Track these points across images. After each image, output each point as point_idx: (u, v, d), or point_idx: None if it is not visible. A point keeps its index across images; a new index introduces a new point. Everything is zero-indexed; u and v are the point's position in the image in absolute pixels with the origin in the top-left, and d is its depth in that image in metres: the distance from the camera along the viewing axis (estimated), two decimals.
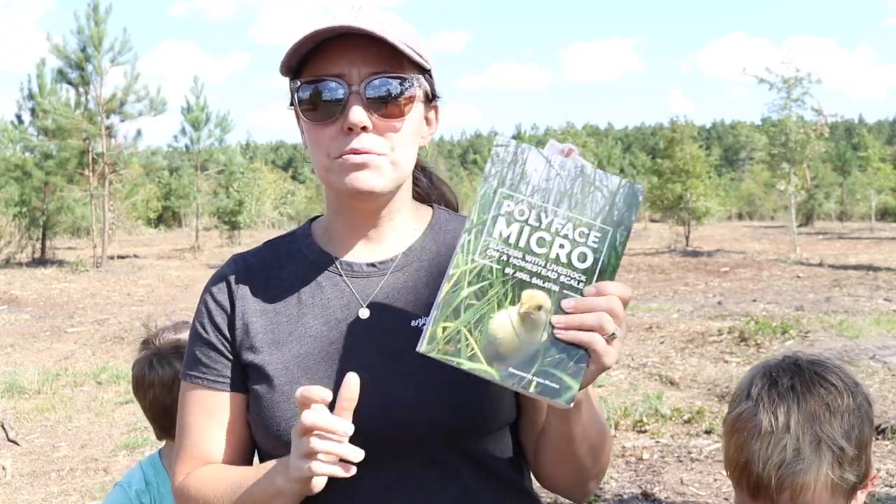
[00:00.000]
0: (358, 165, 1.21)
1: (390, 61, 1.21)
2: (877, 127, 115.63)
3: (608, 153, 56.62)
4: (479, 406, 1.23)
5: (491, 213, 1.07)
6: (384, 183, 1.23)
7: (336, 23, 1.19)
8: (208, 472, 1.29)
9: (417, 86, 1.25)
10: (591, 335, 1.04)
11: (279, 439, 1.23)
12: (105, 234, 21.28)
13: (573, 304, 1.05)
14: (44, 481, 5.11)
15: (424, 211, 1.40)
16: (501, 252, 1.06)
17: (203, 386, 1.32)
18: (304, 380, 1.24)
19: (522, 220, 1.07)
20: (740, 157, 33.87)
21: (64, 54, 20.61)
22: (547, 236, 1.07)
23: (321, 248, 1.35)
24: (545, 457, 1.27)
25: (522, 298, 1.06)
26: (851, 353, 7.96)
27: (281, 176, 58.85)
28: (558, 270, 1.07)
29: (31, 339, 10.25)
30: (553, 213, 1.07)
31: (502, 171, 1.08)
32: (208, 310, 1.34)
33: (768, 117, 23.20)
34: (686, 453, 5.29)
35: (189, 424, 1.33)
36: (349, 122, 1.19)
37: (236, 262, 1.38)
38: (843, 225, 44.44)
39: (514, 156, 1.08)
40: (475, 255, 1.06)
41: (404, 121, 1.24)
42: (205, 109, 28.46)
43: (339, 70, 1.21)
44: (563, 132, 24.74)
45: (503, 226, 1.07)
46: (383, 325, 1.27)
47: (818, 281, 14.82)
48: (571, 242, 1.07)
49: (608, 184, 1.08)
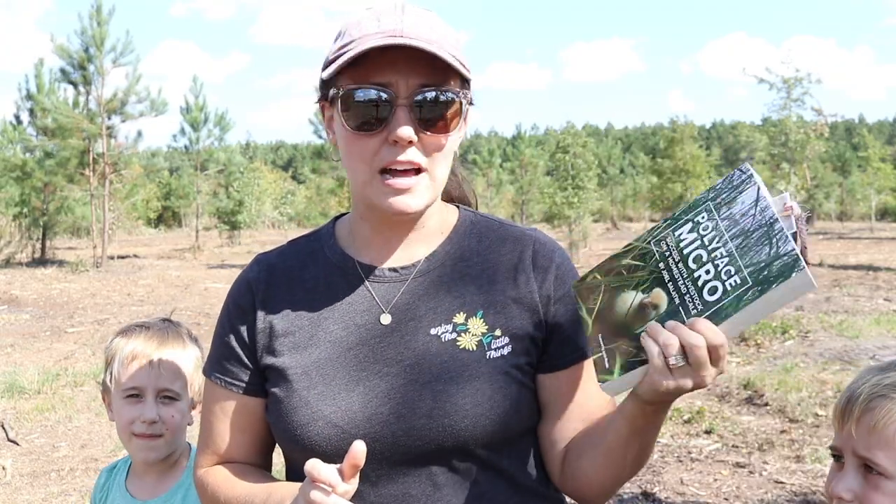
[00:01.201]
0: (400, 190, 1.19)
1: (437, 72, 1.18)
2: (877, 127, 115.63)
3: (608, 153, 56.58)
4: (498, 414, 1.22)
5: (688, 216, 1.17)
6: (423, 202, 1.22)
7: (386, 28, 1.17)
8: (224, 477, 1.32)
9: (464, 100, 1.23)
10: (654, 347, 1.06)
11: (296, 443, 1.24)
12: (105, 234, 21.27)
13: (671, 325, 1.07)
14: (44, 481, 5.11)
15: (450, 212, 1.38)
16: (669, 249, 1.15)
17: (223, 387, 1.34)
18: (321, 386, 1.24)
19: (701, 235, 1.14)
20: (740, 157, 33.84)
21: (67, 54, 20.61)
22: (705, 257, 1.12)
23: (343, 251, 1.34)
24: (588, 459, 1.25)
25: (652, 293, 1.14)
26: (851, 353, 7.96)
27: (281, 176, 58.83)
28: (690, 289, 1.11)
29: (31, 339, 10.25)
30: (724, 243, 1.11)
31: (723, 188, 1.16)
32: (231, 315, 1.35)
33: (769, 117, 23.20)
34: (686, 453, 5.29)
35: (210, 422, 1.36)
36: (396, 135, 1.17)
37: (259, 264, 1.38)
38: (843, 225, 44.42)
39: (741, 182, 1.15)
40: (653, 240, 1.18)
41: (448, 136, 1.22)
42: (204, 109, 28.46)
43: (385, 79, 1.17)
44: (563, 132, 24.67)
45: (687, 230, 1.16)
46: (404, 332, 1.26)
47: (818, 281, 14.77)
48: (716, 274, 1.10)
49: (781, 246, 1.07)
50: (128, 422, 1.75)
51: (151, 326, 1.82)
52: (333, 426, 1.20)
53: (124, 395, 1.76)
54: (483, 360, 1.24)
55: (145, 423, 1.73)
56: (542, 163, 33.81)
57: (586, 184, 23.04)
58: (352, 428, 1.20)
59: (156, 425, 1.74)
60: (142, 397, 1.75)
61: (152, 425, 1.73)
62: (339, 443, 1.19)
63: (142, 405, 1.74)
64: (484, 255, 1.33)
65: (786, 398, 6.36)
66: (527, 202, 34.99)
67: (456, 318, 1.26)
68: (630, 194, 51.32)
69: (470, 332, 1.25)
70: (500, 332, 1.26)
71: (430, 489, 1.22)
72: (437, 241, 1.33)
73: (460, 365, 1.22)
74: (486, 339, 1.25)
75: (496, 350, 1.25)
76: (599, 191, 30.08)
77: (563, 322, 1.29)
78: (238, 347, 1.32)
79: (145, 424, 1.73)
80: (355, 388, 1.23)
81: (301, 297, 1.32)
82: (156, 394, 1.75)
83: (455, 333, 1.25)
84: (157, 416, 1.73)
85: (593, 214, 26.57)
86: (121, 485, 1.85)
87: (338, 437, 1.20)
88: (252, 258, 1.41)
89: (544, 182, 30.61)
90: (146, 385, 1.74)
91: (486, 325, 1.26)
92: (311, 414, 1.22)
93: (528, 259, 1.32)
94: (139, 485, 1.82)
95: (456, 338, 1.25)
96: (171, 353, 1.77)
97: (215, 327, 1.39)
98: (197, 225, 30.50)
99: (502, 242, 1.34)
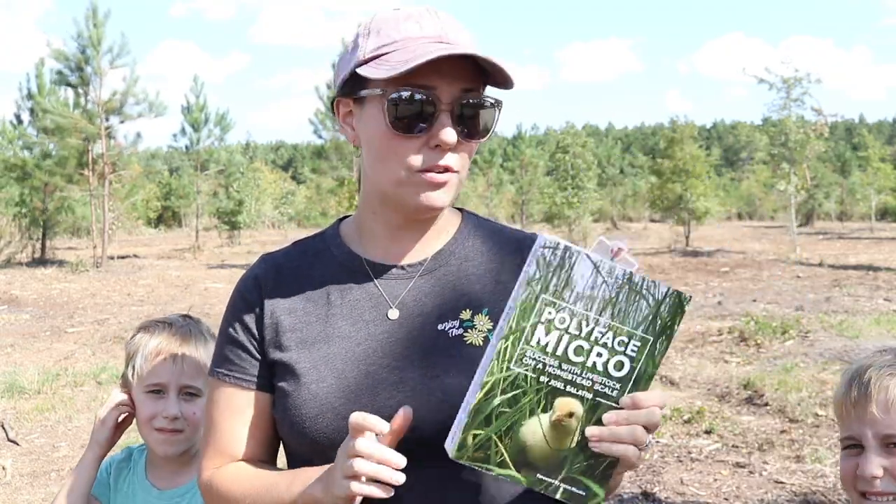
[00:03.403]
0: (438, 185, 1.22)
1: (475, 78, 1.22)
2: (877, 127, 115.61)
3: (608, 153, 56.59)
4: None
5: (531, 321, 1.04)
6: (450, 199, 1.26)
7: (429, 33, 1.21)
8: (236, 471, 1.31)
9: (499, 108, 1.26)
10: (625, 448, 1.05)
11: (305, 437, 1.25)
12: (105, 234, 21.26)
13: (613, 419, 1.06)
14: (44, 481, 5.11)
15: (454, 213, 1.41)
16: (538, 360, 1.05)
17: (230, 384, 1.33)
18: (330, 379, 1.26)
19: (563, 329, 1.05)
20: (740, 157, 33.85)
21: (64, 57, 20.61)
22: (586, 345, 1.05)
23: (350, 249, 1.35)
24: None
25: (555, 406, 1.05)
26: (851, 353, 7.96)
27: (281, 176, 58.72)
28: (593, 378, 1.06)
29: (31, 339, 10.25)
30: (595, 322, 1.05)
31: (547, 275, 1.04)
32: (237, 309, 1.36)
33: (769, 117, 23.20)
34: (686, 453, 5.29)
35: (216, 421, 1.35)
36: (441, 139, 1.19)
37: (265, 262, 1.39)
38: (843, 225, 44.44)
39: (562, 260, 1.04)
40: (511, 363, 1.04)
41: (480, 142, 1.26)
42: (204, 109, 28.46)
43: (429, 82, 1.19)
44: (563, 132, 24.70)
45: (542, 333, 1.05)
46: (411, 327, 1.28)
47: (818, 281, 14.81)
48: (610, 351, 1.06)
49: (655, 293, 1.06)
50: (149, 416, 1.78)
51: (174, 323, 1.85)
52: (343, 419, 1.20)
53: (146, 389, 1.79)
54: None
55: (167, 418, 1.77)
56: (542, 163, 33.84)
57: (586, 184, 23.08)
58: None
59: (178, 421, 1.77)
60: (164, 393, 1.78)
61: (174, 421, 1.77)
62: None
63: (164, 401, 1.78)
64: (488, 256, 1.36)
65: (786, 398, 6.36)
66: (527, 202, 35.01)
67: (462, 315, 1.29)
68: (630, 194, 51.32)
69: (476, 329, 1.28)
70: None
71: (436, 482, 1.23)
72: (443, 239, 1.36)
73: (468, 360, 1.24)
74: (492, 336, 1.27)
75: None
76: (599, 191, 30.10)
77: None
78: (246, 341, 1.33)
79: (167, 420, 1.77)
80: (364, 382, 1.25)
81: (309, 295, 1.33)
82: (178, 390, 1.78)
83: (462, 329, 1.28)
84: (179, 412, 1.77)
85: (593, 214, 26.59)
86: (140, 474, 1.88)
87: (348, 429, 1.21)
88: (253, 258, 1.43)
89: (544, 182, 30.63)
90: (169, 381, 1.78)
91: (491, 321, 1.28)
92: (321, 407, 1.23)
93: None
94: (158, 474, 1.86)
95: (463, 333, 1.27)
96: (194, 350, 1.80)
97: (220, 326, 1.39)
98: (197, 225, 30.49)
99: (506, 244, 1.38)
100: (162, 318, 1.90)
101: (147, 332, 1.83)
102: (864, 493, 1.35)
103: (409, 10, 1.25)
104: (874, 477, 1.32)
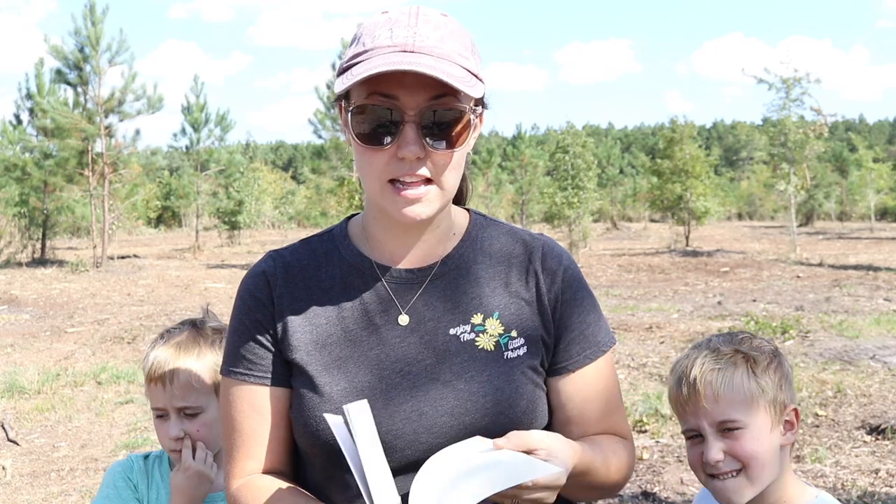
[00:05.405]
0: (410, 200, 1.20)
1: (446, 84, 1.18)
2: (877, 127, 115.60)
3: (608, 153, 56.56)
4: (516, 413, 1.25)
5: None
6: (432, 210, 1.23)
7: (398, 41, 1.17)
8: (264, 490, 1.27)
9: (472, 114, 1.23)
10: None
11: (316, 437, 1.25)
12: (105, 234, 21.26)
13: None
14: (44, 481, 5.11)
15: (461, 215, 1.40)
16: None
17: (250, 382, 1.31)
18: (343, 382, 1.25)
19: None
20: (740, 157, 33.81)
21: (62, 55, 20.60)
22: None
23: (359, 251, 1.34)
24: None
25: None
26: (851, 353, 7.96)
27: (281, 176, 58.83)
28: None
29: (31, 339, 10.24)
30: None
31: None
32: (248, 306, 1.34)
33: (768, 117, 23.19)
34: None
35: (239, 423, 1.31)
36: (403, 153, 1.18)
37: (274, 259, 1.37)
38: (842, 225, 44.43)
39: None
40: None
41: (455, 151, 1.23)
42: (204, 109, 28.46)
43: (393, 92, 1.17)
44: (564, 132, 24.67)
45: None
46: (422, 333, 1.28)
47: (818, 281, 14.81)
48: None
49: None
50: (162, 438, 1.80)
51: (170, 339, 1.83)
52: None
53: (154, 414, 1.82)
54: (501, 360, 1.27)
55: (171, 439, 1.77)
56: (542, 163, 33.80)
57: (586, 184, 23.04)
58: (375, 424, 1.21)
59: (182, 441, 1.77)
60: (166, 416, 1.79)
61: (178, 441, 1.77)
62: None
63: (168, 423, 1.78)
64: (496, 258, 1.36)
65: None
66: (527, 202, 34.99)
67: (473, 319, 1.29)
68: (630, 194, 51.29)
69: (487, 333, 1.29)
70: (515, 333, 1.30)
71: None
72: (450, 242, 1.35)
73: (480, 365, 1.25)
74: (504, 340, 1.29)
75: (513, 351, 1.28)
76: (599, 191, 30.08)
77: (570, 324, 1.33)
78: (261, 336, 1.31)
79: (172, 441, 1.77)
80: (378, 386, 1.25)
81: (318, 296, 1.32)
82: (177, 412, 1.77)
83: (473, 334, 1.28)
84: (182, 433, 1.76)
85: (593, 214, 26.57)
86: (165, 480, 1.87)
87: None
88: (253, 258, 1.42)
89: (544, 182, 30.60)
90: (166, 405, 1.78)
91: (502, 325, 1.29)
92: (335, 410, 1.22)
93: (537, 261, 1.35)
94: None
95: (474, 338, 1.28)
96: (184, 370, 1.77)
97: (230, 325, 1.37)
98: (197, 225, 30.50)
99: (513, 245, 1.37)
100: (167, 329, 1.89)
101: (150, 350, 1.83)
102: (710, 474, 1.51)
103: (392, 15, 1.23)
104: (717, 461, 1.48)
